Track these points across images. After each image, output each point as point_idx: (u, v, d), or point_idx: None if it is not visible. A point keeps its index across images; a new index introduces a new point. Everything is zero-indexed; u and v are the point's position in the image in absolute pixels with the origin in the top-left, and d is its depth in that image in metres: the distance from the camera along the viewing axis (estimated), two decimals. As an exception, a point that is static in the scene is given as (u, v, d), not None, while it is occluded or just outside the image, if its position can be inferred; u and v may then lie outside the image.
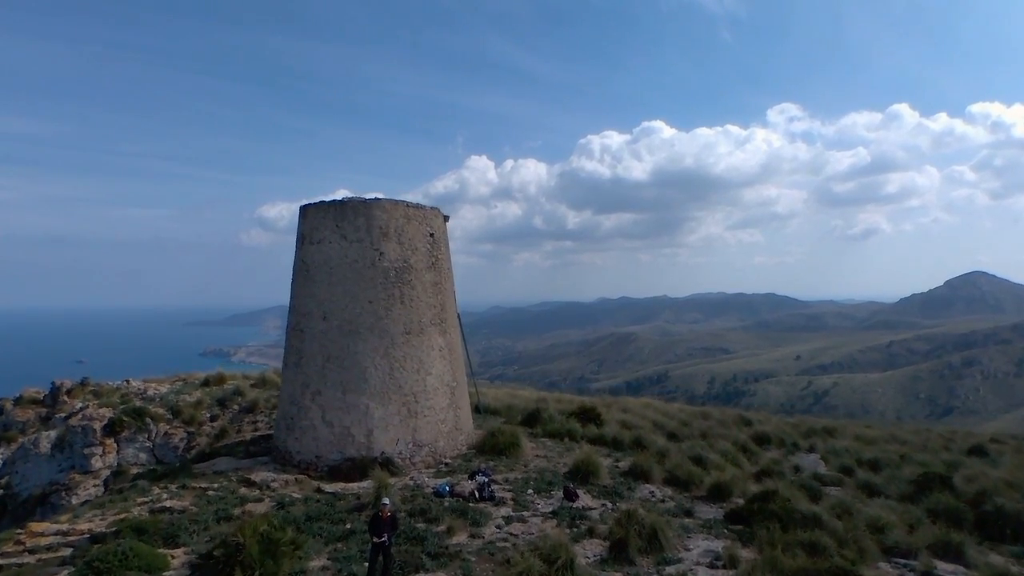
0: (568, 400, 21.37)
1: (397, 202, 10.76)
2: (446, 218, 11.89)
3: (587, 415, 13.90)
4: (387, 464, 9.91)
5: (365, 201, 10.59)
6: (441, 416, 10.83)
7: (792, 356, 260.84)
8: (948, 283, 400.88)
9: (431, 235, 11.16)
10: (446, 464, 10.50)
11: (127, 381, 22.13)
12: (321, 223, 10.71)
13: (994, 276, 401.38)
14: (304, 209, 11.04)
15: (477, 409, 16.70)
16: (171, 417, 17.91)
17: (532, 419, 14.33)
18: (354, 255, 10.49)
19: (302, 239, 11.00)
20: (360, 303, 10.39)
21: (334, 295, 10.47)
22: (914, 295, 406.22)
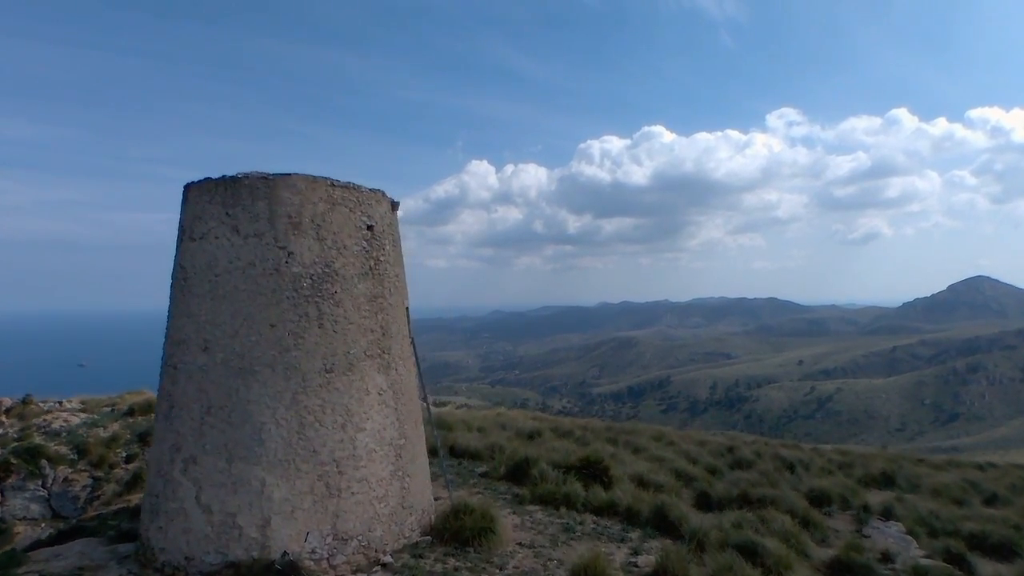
0: (567, 430, 18.01)
1: (316, 179, 7.38)
2: (395, 205, 8.51)
3: (591, 470, 10.48)
4: (290, 572, 6.51)
5: (267, 177, 7.21)
6: (379, 491, 7.43)
7: (795, 361, 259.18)
8: (951, 288, 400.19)
9: (369, 228, 7.78)
10: (383, 565, 7.09)
11: (59, 403, 18.82)
12: (205, 210, 7.33)
13: (997, 281, 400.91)
14: (186, 190, 7.67)
15: (453, 452, 13.33)
16: (76, 458, 14.56)
17: (519, 473, 10.93)
18: (250, 256, 7.11)
19: (181, 233, 7.63)
20: (257, 327, 7.01)
21: (219, 315, 7.08)
22: (917, 300, 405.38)
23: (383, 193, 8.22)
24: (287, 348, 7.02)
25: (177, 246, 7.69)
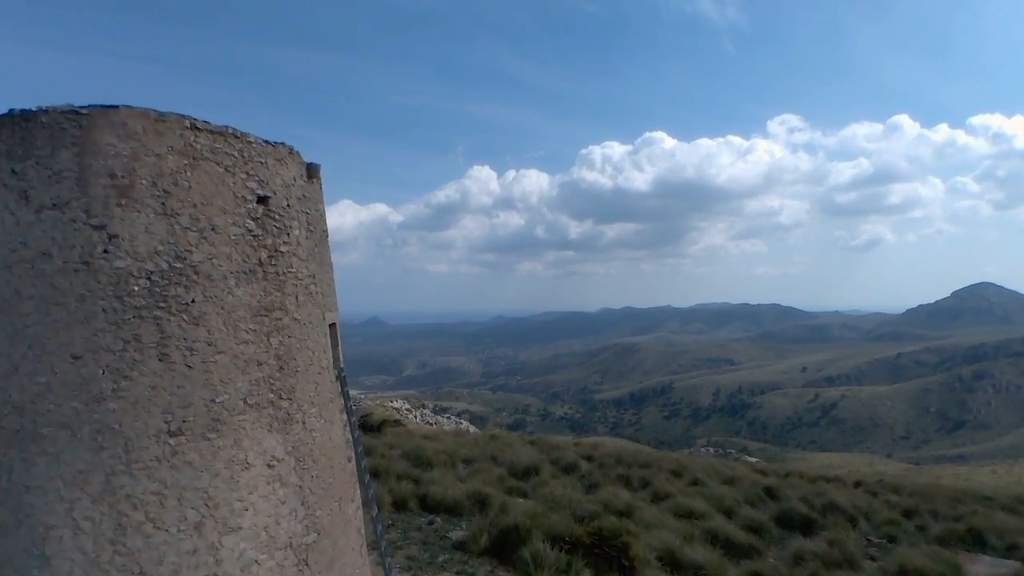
0: (570, 463, 15.13)
1: (164, 117, 4.50)
2: (312, 170, 5.63)
3: (605, 548, 7.57)
4: None
5: (78, 113, 4.34)
6: (264, 630, 4.53)
7: (798, 368, 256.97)
8: (955, 294, 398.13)
9: (260, 200, 4.90)
10: None
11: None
12: (-18, 165, 4.47)
13: (1001, 287, 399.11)
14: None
15: (425, 504, 10.48)
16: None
17: (507, 545, 8.07)
18: (44, 241, 4.25)
19: (-46, 205, 4.75)
20: (50, 360, 4.15)
21: (-10, 340, 4.21)
22: (921, 306, 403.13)
23: (290, 149, 5.33)
24: (101, 396, 4.14)
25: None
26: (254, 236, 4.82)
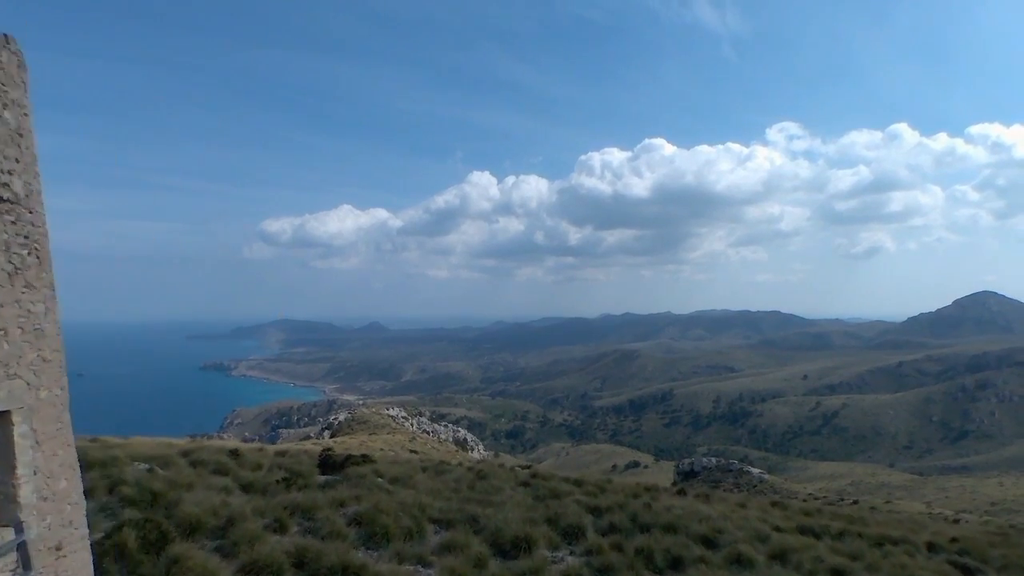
0: (575, 529, 11.87)
1: None
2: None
3: None
4: None
5: None
6: None
7: (799, 375, 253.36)
8: (957, 303, 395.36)
9: None
10: None
11: None
12: None
13: (1003, 296, 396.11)
14: None
15: None
16: None
17: None
18: None
19: None
20: None
21: None
22: (922, 314, 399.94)
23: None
24: None
25: None
26: None
